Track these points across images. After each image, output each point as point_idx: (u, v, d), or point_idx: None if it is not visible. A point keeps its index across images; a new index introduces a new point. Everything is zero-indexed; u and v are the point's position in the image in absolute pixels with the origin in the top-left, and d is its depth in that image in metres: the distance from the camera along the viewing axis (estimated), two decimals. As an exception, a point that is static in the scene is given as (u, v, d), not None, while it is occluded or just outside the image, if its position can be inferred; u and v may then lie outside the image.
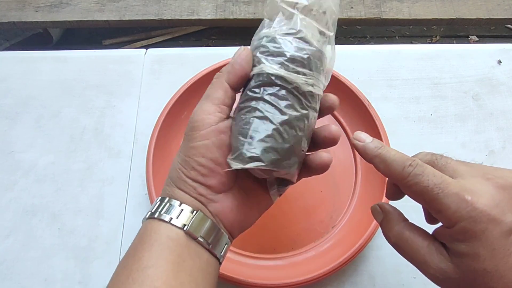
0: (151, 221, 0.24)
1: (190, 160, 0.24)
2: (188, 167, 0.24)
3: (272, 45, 0.24)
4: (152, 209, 0.25)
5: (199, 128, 0.24)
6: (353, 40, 1.21)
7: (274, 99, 0.23)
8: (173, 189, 0.25)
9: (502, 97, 0.44)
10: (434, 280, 0.21)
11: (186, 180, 0.24)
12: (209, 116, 0.24)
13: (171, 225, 0.23)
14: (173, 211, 0.24)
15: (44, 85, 0.45)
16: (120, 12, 0.78)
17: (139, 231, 0.24)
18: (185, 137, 0.25)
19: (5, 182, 0.40)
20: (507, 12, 0.79)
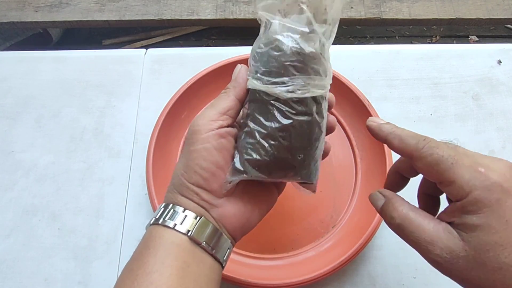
0: (156, 227, 0.24)
1: (191, 164, 0.24)
2: (190, 172, 0.24)
3: (252, 61, 0.25)
4: (156, 215, 0.25)
5: (200, 132, 0.25)
6: (353, 40, 1.21)
7: (259, 114, 0.24)
8: (176, 195, 0.25)
9: (502, 97, 0.44)
10: (439, 263, 0.20)
11: (188, 186, 0.25)
12: (211, 122, 0.25)
13: (175, 231, 0.23)
14: (177, 217, 0.24)
15: (44, 85, 0.45)
16: (120, 12, 0.78)
17: (144, 236, 0.25)
18: (186, 142, 0.25)
19: (5, 182, 0.40)
20: (507, 12, 0.79)
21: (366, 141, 0.40)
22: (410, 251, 0.37)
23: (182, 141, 0.41)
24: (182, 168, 0.25)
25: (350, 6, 0.79)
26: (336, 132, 0.41)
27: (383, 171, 0.37)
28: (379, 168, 0.37)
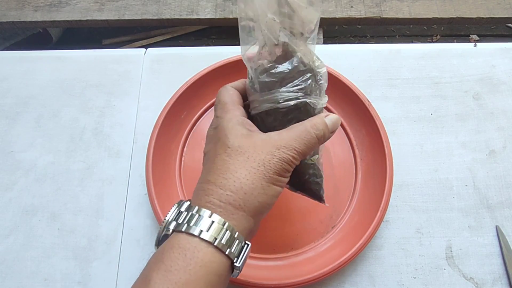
0: (200, 243, 0.22)
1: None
2: (262, 183, 0.24)
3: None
4: (200, 225, 0.22)
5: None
6: (353, 39, 1.20)
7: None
8: (240, 212, 0.23)
9: (503, 97, 0.44)
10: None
11: (265, 206, 0.24)
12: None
13: (223, 256, 0.22)
14: (231, 241, 0.23)
15: (43, 85, 0.45)
16: (120, 11, 0.78)
17: (180, 244, 0.22)
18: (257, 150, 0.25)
19: (5, 182, 0.40)
20: (507, 11, 0.79)
21: (366, 141, 0.40)
22: (410, 251, 0.37)
23: (182, 140, 0.40)
24: (262, 188, 0.24)
25: (350, 5, 0.79)
26: (336, 132, 0.41)
27: (383, 171, 0.37)
28: (379, 168, 0.37)
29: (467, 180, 0.40)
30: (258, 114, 0.27)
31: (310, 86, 0.26)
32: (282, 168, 0.24)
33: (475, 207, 0.39)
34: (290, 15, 0.24)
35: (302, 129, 0.25)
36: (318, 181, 0.29)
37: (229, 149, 0.24)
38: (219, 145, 0.25)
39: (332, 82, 0.41)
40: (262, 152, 0.24)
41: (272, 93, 0.26)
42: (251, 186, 0.23)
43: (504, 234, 0.37)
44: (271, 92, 0.26)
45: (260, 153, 0.24)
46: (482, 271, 0.36)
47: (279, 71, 0.26)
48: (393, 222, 0.38)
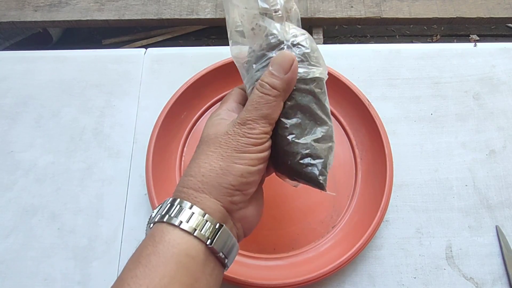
0: (168, 227, 0.22)
1: (237, 167, 0.24)
2: (232, 174, 0.24)
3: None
4: (168, 212, 0.22)
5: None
6: (353, 39, 1.20)
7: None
8: (201, 195, 0.23)
9: (503, 97, 0.44)
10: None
11: (228, 187, 0.23)
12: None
13: (193, 238, 0.22)
14: (196, 220, 0.22)
15: (43, 85, 0.45)
16: (120, 11, 0.78)
17: (151, 233, 0.23)
18: (227, 145, 0.24)
19: (5, 182, 0.40)
20: (507, 11, 0.79)
21: (366, 141, 0.40)
22: (410, 251, 0.37)
23: (182, 140, 0.40)
24: (220, 168, 0.23)
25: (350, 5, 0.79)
26: (336, 132, 0.41)
27: (383, 171, 0.37)
28: (379, 168, 0.37)
29: (467, 180, 0.40)
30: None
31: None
32: (240, 144, 0.23)
33: (475, 207, 0.39)
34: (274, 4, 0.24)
35: (251, 96, 0.24)
36: (315, 163, 0.25)
37: (200, 140, 0.26)
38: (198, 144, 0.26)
39: (332, 82, 0.41)
40: (220, 135, 0.24)
41: (250, 72, 0.25)
42: (208, 168, 0.23)
43: (504, 234, 0.37)
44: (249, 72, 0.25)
45: (219, 136, 0.24)
46: (482, 271, 0.36)
47: (251, 51, 0.25)
48: (393, 222, 0.38)
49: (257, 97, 0.24)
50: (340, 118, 0.41)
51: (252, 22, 0.25)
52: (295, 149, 0.25)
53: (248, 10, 0.25)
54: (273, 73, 0.24)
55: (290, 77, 0.24)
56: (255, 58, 0.26)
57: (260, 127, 0.23)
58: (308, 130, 0.25)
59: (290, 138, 0.25)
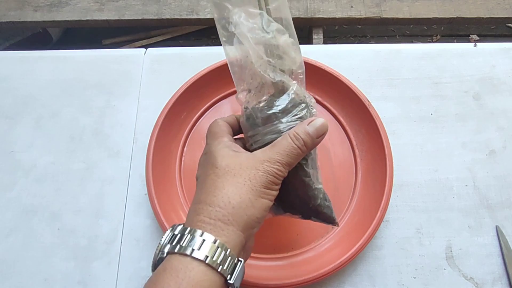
0: (192, 262, 0.22)
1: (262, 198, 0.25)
2: (255, 205, 0.25)
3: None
4: (190, 243, 0.23)
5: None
6: (353, 39, 1.20)
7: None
8: (229, 227, 0.24)
9: (503, 97, 0.44)
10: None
11: (254, 219, 0.25)
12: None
13: (215, 274, 0.22)
14: (219, 255, 0.23)
15: (43, 85, 0.45)
16: (120, 11, 0.78)
17: (171, 266, 0.22)
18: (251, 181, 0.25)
19: (5, 182, 0.40)
20: (507, 11, 0.79)
21: (366, 141, 0.40)
22: (410, 251, 0.37)
23: (182, 140, 0.40)
24: (249, 201, 0.24)
25: (350, 5, 0.79)
26: (336, 132, 0.41)
27: (383, 171, 0.37)
28: (379, 168, 0.37)
29: (467, 180, 0.40)
30: (260, 147, 0.28)
31: (305, 115, 0.28)
32: (268, 181, 0.25)
33: (475, 207, 0.39)
34: (280, 57, 0.28)
35: (284, 142, 0.26)
36: (328, 204, 0.29)
37: (217, 169, 0.26)
38: (209, 167, 0.27)
39: (332, 82, 0.41)
40: (248, 168, 0.25)
41: (274, 124, 0.28)
42: (238, 200, 0.24)
43: (504, 234, 0.37)
44: (273, 124, 0.28)
45: (245, 169, 0.25)
46: (482, 271, 0.36)
47: (279, 104, 0.28)
48: (393, 222, 0.38)
49: (291, 147, 0.26)
50: (340, 118, 0.41)
51: (274, 77, 0.28)
52: (315, 193, 0.28)
53: (267, 63, 0.28)
54: (309, 133, 0.27)
55: (319, 142, 0.28)
56: (280, 110, 0.28)
57: (285, 171, 0.26)
58: (317, 177, 0.29)
59: (312, 185, 0.28)
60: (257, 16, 0.28)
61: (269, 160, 0.26)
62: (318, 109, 0.42)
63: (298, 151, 0.26)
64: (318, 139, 0.27)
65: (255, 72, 0.28)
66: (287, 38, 0.28)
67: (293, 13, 0.78)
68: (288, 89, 0.28)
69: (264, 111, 0.28)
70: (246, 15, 0.28)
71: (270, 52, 0.28)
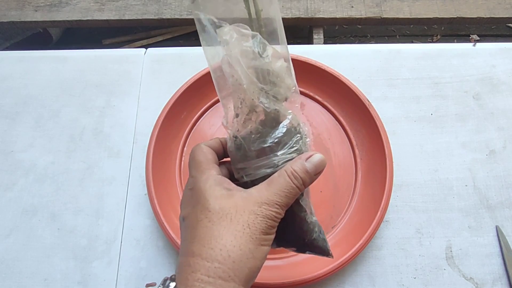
0: None
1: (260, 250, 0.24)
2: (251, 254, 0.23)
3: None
4: None
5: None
6: (354, 39, 1.20)
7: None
8: (230, 284, 0.22)
9: (503, 97, 0.44)
10: None
11: (256, 271, 0.23)
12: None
13: None
14: None
15: (44, 85, 0.45)
16: (120, 11, 0.78)
17: None
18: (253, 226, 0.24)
19: (5, 182, 0.40)
20: (508, 11, 0.79)
21: (366, 141, 0.40)
22: (410, 251, 0.37)
23: (182, 140, 0.40)
24: (250, 252, 0.23)
25: (350, 5, 0.79)
26: (336, 132, 0.41)
27: (383, 171, 0.37)
28: (379, 168, 0.37)
29: (467, 180, 0.40)
30: (252, 181, 0.26)
31: (301, 146, 0.27)
32: (267, 226, 0.23)
33: (475, 207, 0.39)
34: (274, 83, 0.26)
35: (282, 181, 0.24)
36: (323, 237, 0.28)
37: (210, 213, 0.23)
38: (199, 209, 0.24)
39: (332, 82, 0.41)
40: (245, 212, 0.23)
41: (269, 158, 0.26)
42: (239, 252, 0.22)
43: (504, 234, 0.37)
44: (268, 157, 0.26)
45: (242, 213, 0.23)
46: (482, 271, 0.36)
47: (274, 135, 0.26)
48: (393, 222, 0.38)
49: (290, 187, 0.24)
50: (340, 118, 0.41)
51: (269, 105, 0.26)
52: (311, 228, 0.27)
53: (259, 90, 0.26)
54: (308, 171, 0.25)
55: (316, 178, 0.26)
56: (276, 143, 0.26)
57: (283, 212, 0.24)
58: (311, 208, 0.28)
59: (308, 219, 0.27)
60: (250, 38, 0.26)
61: (267, 203, 0.23)
62: (318, 109, 0.42)
63: (297, 191, 0.24)
64: (316, 176, 0.25)
65: (247, 98, 0.26)
66: (282, 63, 0.26)
67: (293, 13, 0.78)
68: (282, 118, 0.27)
69: (258, 143, 0.26)
70: (238, 35, 0.26)
71: (262, 78, 0.26)
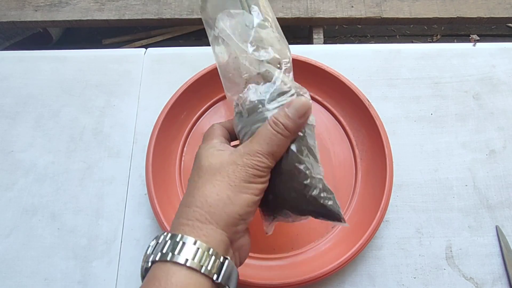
0: (173, 268, 0.21)
1: (244, 197, 0.24)
2: (240, 204, 0.24)
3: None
4: (171, 248, 0.22)
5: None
6: (354, 39, 1.20)
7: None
8: (208, 226, 0.23)
9: (503, 97, 0.44)
10: None
11: (235, 216, 0.23)
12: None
13: (200, 276, 0.21)
14: (201, 256, 0.22)
15: (44, 85, 0.45)
16: (120, 11, 0.78)
17: (153, 275, 0.22)
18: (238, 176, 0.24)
19: (4, 182, 0.40)
20: (508, 11, 0.79)
21: (366, 141, 0.40)
22: (410, 251, 0.37)
23: (182, 140, 0.40)
24: (228, 198, 0.23)
25: (350, 5, 0.79)
26: (336, 132, 0.41)
27: (383, 171, 0.37)
28: (379, 168, 0.37)
29: (467, 180, 0.40)
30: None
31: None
32: (248, 175, 0.24)
33: (475, 207, 0.39)
34: (265, 49, 0.28)
35: (263, 130, 0.25)
36: (330, 196, 0.26)
37: (200, 170, 0.25)
38: (194, 169, 0.26)
39: (332, 82, 0.41)
40: (228, 164, 0.24)
41: (260, 112, 0.26)
42: (216, 198, 0.23)
43: (504, 234, 0.37)
44: (258, 112, 0.26)
45: (225, 166, 0.24)
46: (482, 271, 0.36)
47: (265, 91, 0.27)
48: (393, 222, 0.38)
49: (271, 134, 0.25)
50: (340, 118, 0.41)
51: (259, 68, 0.27)
52: (312, 182, 0.26)
53: (252, 56, 0.27)
54: (289, 115, 0.25)
55: (303, 123, 0.26)
56: (266, 97, 0.27)
57: (268, 162, 0.24)
58: (315, 169, 0.27)
59: (307, 173, 0.26)
60: (239, 15, 0.28)
61: (249, 153, 0.24)
62: (318, 109, 0.42)
63: (280, 137, 0.24)
64: (300, 120, 0.25)
65: (241, 67, 0.27)
66: (269, 31, 0.28)
67: (293, 13, 0.78)
68: (272, 77, 0.27)
69: (250, 102, 0.27)
70: (229, 17, 0.28)
71: (255, 46, 0.27)
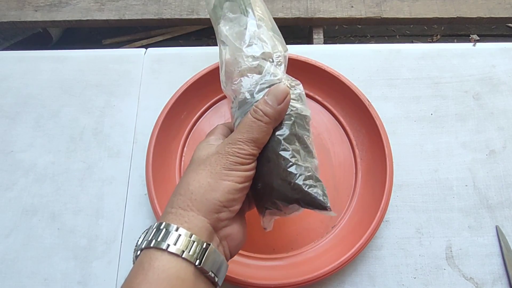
0: (156, 253, 0.22)
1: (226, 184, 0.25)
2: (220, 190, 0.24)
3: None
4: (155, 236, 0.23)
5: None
6: (353, 39, 1.20)
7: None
8: (189, 213, 0.24)
9: (503, 97, 0.44)
10: None
11: (216, 202, 0.24)
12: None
13: (181, 260, 0.22)
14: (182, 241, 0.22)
15: (43, 85, 0.45)
16: (120, 11, 0.78)
17: (139, 261, 0.23)
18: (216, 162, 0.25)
19: (4, 182, 0.40)
20: (508, 11, 0.79)
21: (366, 141, 0.40)
22: (410, 251, 0.37)
23: (182, 140, 0.40)
24: (208, 185, 0.24)
25: (350, 5, 0.79)
26: (336, 132, 0.41)
27: (383, 171, 0.37)
28: (379, 168, 0.37)
29: (467, 180, 0.40)
30: None
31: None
32: (229, 162, 0.25)
33: (475, 207, 0.39)
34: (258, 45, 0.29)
35: (244, 119, 0.26)
36: (315, 184, 0.26)
37: (190, 163, 0.27)
38: (189, 165, 0.27)
39: (332, 82, 0.41)
40: (212, 155, 0.25)
41: (249, 103, 0.27)
42: (197, 185, 0.24)
43: (504, 234, 0.37)
44: (247, 103, 0.27)
45: (210, 156, 0.25)
46: (482, 271, 0.36)
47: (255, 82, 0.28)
48: (393, 222, 0.38)
49: (250, 121, 0.25)
50: (340, 118, 0.41)
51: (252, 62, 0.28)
52: (298, 170, 0.26)
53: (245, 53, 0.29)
54: (267, 102, 0.26)
55: (282, 108, 0.26)
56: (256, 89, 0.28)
57: (250, 149, 0.25)
58: (305, 158, 0.27)
59: (293, 160, 0.26)
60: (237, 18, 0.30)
61: (231, 142, 0.25)
62: (318, 109, 0.42)
63: (260, 124, 0.25)
64: (280, 106, 0.26)
65: (238, 63, 0.29)
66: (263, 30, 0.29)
67: (293, 13, 0.78)
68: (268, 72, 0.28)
69: (241, 93, 0.28)
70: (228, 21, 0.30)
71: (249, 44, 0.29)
